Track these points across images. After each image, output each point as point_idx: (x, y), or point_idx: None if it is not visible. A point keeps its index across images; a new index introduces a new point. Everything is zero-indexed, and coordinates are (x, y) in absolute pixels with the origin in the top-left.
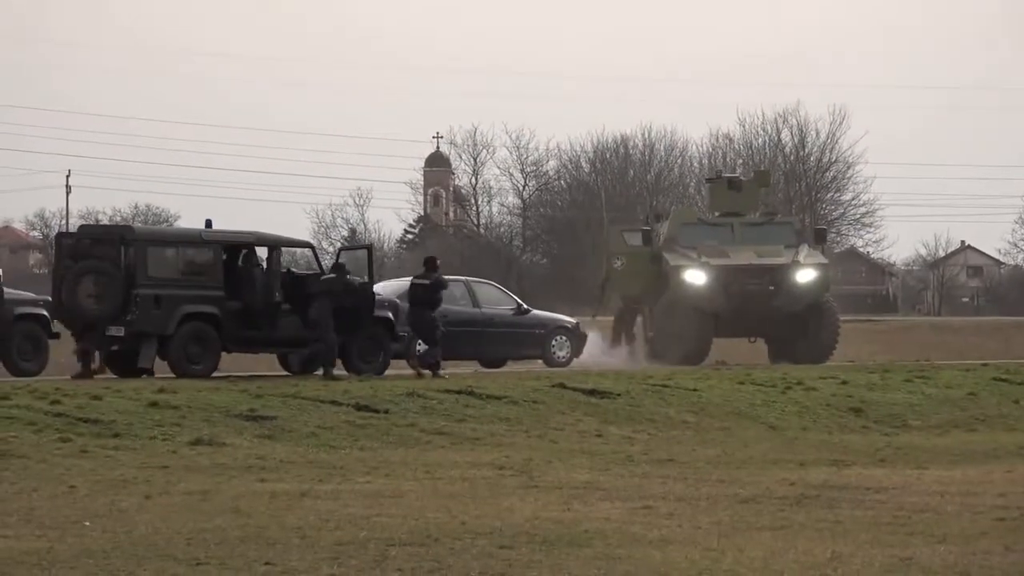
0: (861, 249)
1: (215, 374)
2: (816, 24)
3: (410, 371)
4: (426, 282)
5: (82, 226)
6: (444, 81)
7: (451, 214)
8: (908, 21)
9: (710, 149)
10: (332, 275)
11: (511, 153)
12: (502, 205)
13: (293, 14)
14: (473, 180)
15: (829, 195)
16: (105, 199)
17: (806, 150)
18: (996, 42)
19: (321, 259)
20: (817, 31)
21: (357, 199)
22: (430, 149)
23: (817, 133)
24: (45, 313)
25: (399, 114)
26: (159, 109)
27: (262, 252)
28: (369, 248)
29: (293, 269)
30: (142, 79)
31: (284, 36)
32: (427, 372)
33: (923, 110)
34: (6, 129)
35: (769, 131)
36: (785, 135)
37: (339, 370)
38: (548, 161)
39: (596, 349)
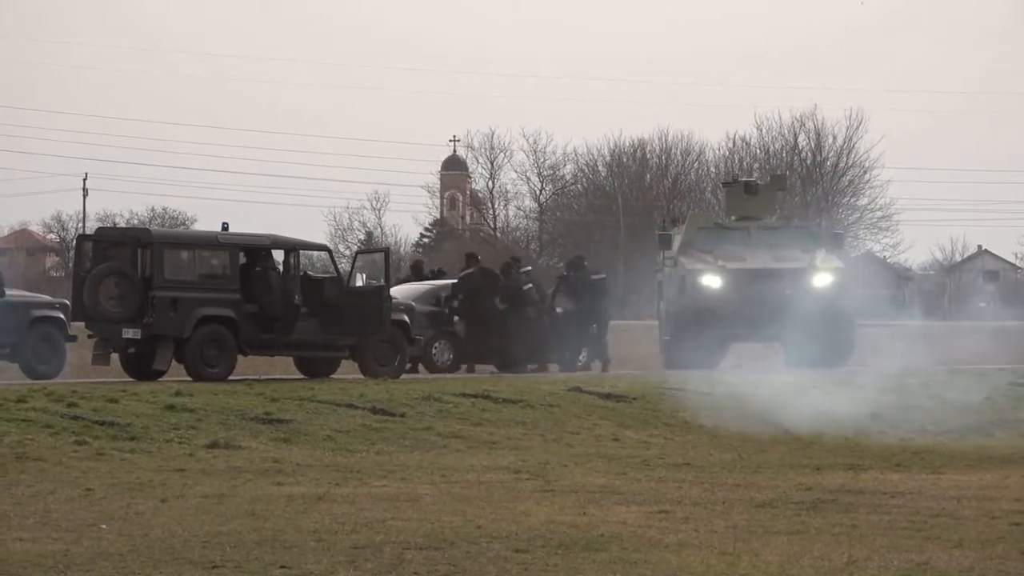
0: (878, 253)
1: (231, 377)
2: (833, 27)
3: (430, 375)
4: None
5: (99, 228)
6: (461, 84)
7: (467, 218)
8: (924, 23)
9: (727, 153)
10: None
11: (528, 157)
12: (518, 209)
13: (309, 17)
14: (490, 184)
15: (846, 199)
16: (122, 202)
17: (823, 154)
18: (1013, 45)
19: (338, 262)
20: (834, 33)
21: (374, 202)
22: (447, 152)
23: (834, 138)
24: (62, 316)
25: (416, 117)
26: (175, 112)
27: (279, 255)
28: (386, 252)
29: (310, 272)
30: (158, 81)
31: (300, 38)
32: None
33: (939, 114)
34: (23, 132)
35: (786, 135)
36: (802, 139)
37: (355, 373)
38: (565, 165)
39: None
